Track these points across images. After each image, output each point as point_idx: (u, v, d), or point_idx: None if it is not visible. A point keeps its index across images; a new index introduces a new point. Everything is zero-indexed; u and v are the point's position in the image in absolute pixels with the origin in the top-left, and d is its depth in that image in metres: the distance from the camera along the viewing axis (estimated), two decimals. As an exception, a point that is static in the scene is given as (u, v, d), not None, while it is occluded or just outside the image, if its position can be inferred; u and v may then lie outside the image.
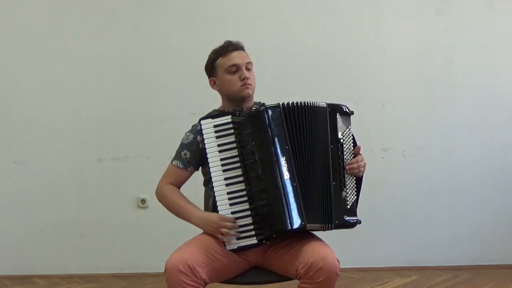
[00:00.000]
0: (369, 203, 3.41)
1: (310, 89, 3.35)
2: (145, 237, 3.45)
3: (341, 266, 1.91)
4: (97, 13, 3.42)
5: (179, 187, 2.20)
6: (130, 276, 3.43)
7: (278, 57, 3.40)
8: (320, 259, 1.85)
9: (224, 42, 2.20)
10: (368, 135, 3.41)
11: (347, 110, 2.09)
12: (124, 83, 3.45)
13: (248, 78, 2.13)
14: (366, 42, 3.42)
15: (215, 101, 2.28)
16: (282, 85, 3.30)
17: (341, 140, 2.04)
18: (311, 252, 1.90)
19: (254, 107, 2.19)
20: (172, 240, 2.22)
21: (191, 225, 2.24)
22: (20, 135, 3.47)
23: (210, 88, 2.23)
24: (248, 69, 2.15)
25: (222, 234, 1.97)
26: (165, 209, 3.45)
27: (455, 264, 3.45)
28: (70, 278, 3.43)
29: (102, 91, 3.45)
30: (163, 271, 1.91)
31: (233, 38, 2.21)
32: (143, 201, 3.44)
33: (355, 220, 2.01)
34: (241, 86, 2.13)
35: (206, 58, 2.19)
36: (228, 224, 1.96)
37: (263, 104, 2.20)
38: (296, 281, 1.97)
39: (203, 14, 3.41)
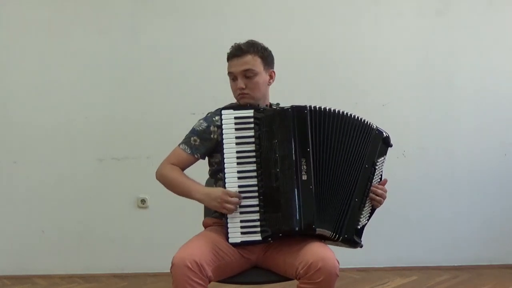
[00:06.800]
0: (369, 203, 3.44)
1: (310, 89, 3.35)
2: (145, 237, 3.44)
3: (341, 266, 1.91)
4: (97, 13, 3.42)
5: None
6: (130, 276, 3.42)
7: (277, 57, 3.38)
8: (319, 260, 1.85)
9: (232, 45, 2.15)
10: (368, 135, 3.41)
11: (389, 142, 2.12)
12: (124, 83, 3.44)
13: (243, 88, 2.09)
14: (366, 42, 3.42)
15: (215, 101, 2.28)
16: (281, 85, 3.29)
17: (376, 165, 2.06)
18: (310, 253, 1.89)
19: (273, 107, 2.18)
20: (172, 240, 2.22)
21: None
22: (20, 135, 3.46)
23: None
24: (247, 77, 2.10)
25: (227, 210, 1.95)
26: (165, 209, 3.47)
27: (455, 264, 3.45)
28: (70, 278, 3.42)
29: (102, 91, 3.44)
30: (163, 271, 1.91)
31: (233, 39, 2.20)
32: (143, 201, 3.44)
33: (359, 242, 2.03)
34: (238, 95, 2.13)
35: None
36: (233, 199, 1.94)
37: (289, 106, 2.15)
38: (296, 282, 1.97)
39: (203, 14, 3.40)
